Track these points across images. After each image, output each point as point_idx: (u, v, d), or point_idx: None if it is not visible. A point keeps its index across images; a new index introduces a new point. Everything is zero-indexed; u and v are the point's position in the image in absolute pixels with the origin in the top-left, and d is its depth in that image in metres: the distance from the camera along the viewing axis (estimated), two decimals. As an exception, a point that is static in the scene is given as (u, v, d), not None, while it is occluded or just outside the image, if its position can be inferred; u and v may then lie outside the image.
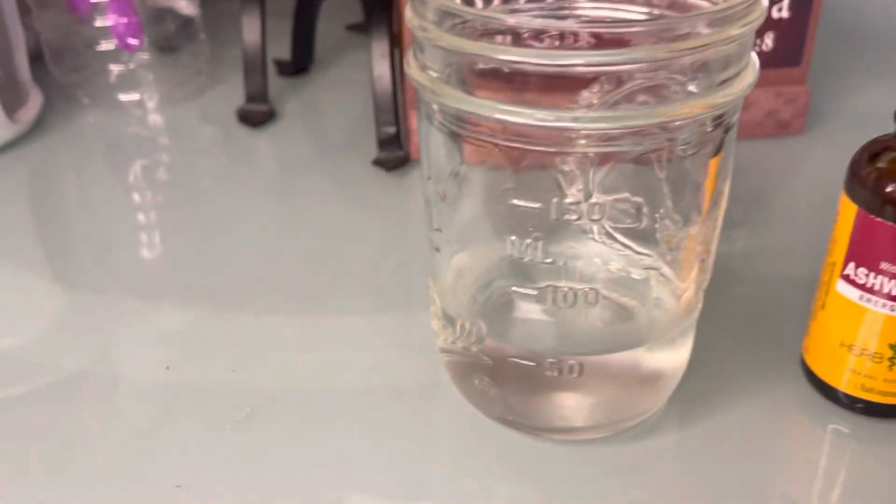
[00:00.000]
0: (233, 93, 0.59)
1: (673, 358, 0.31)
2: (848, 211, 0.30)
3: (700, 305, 0.31)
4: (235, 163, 0.54)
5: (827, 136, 0.53)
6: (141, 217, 0.50)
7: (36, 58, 0.58)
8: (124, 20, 0.54)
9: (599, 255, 0.29)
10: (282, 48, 0.62)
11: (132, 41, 0.55)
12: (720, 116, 0.27)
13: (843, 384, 0.33)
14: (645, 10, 0.32)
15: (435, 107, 0.28)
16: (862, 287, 0.30)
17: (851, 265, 0.31)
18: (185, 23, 0.59)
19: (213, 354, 0.37)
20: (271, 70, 0.61)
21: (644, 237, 0.28)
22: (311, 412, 0.34)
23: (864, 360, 0.32)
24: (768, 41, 0.50)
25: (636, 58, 0.24)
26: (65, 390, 0.36)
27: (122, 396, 0.35)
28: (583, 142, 0.25)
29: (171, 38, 0.59)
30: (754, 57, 0.27)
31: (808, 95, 0.52)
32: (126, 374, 0.36)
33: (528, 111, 0.25)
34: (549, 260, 0.27)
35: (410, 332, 0.38)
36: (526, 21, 0.24)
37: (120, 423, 0.34)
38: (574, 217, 0.26)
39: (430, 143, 0.29)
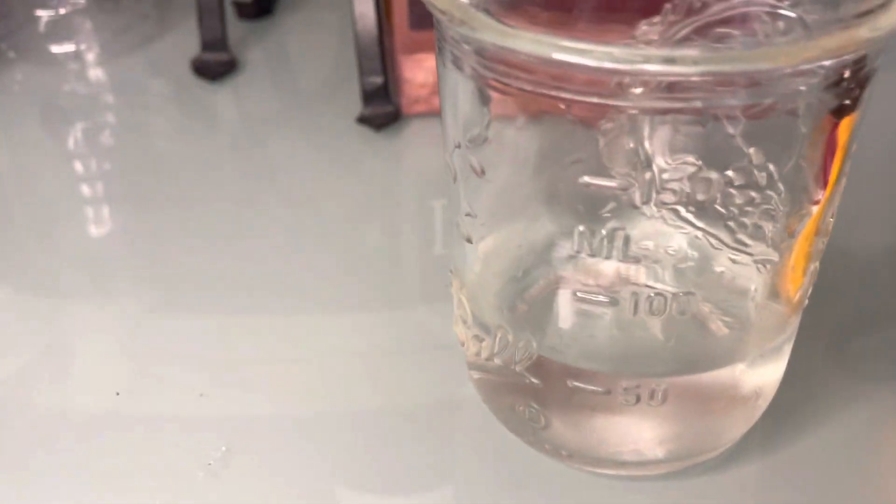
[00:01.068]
0: (186, 40, 0.50)
1: (775, 370, 0.24)
2: None
3: (807, 302, 0.24)
4: (192, 123, 0.46)
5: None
6: (85, 189, 0.42)
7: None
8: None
9: (695, 248, 0.22)
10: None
11: (61, -20, 0.46)
12: (860, 61, 0.19)
13: (969, 387, 0.26)
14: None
15: (467, 47, 0.20)
16: None
17: None
18: (126, -42, 0.50)
19: (175, 371, 0.30)
20: (230, 13, 0.52)
21: (751, 223, 0.21)
22: (304, 444, 0.27)
23: None
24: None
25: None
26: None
27: (57, 435, 0.28)
28: (670, 98, 0.18)
29: (109, -22, 0.50)
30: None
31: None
32: (61, 402, 0.29)
33: (600, 49, 0.17)
34: (631, 257, 0.20)
35: (412, 333, 0.31)
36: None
37: (48, 476, 0.26)
38: (670, 199, 0.19)
39: (459, 98, 0.21)
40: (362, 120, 0.43)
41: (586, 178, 0.19)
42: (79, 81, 0.49)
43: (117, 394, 0.29)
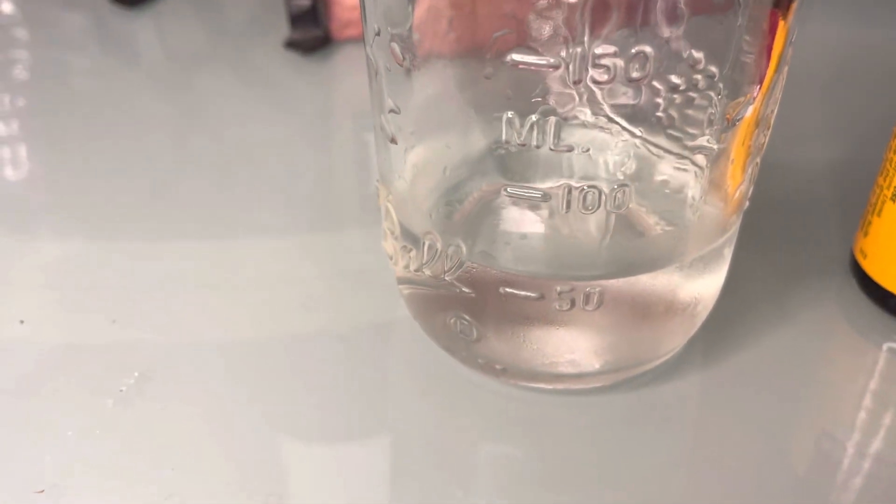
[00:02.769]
0: (102, -32, 0.47)
1: (715, 275, 0.23)
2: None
3: (748, 203, 0.23)
4: (111, 56, 0.43)
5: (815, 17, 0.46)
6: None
7: None
8: None
9: (630, 140, 0.21)
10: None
11: None
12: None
13: (910, 293, 0.26)
14: None
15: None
16: (958, 168, 0.23)
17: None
18: None
19: (86, 299, 0.28)
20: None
21: (693, 110, 0.20)
22: (223, 371, 0.25)
23: (946, 264, 0.25)
24: None
25: None
26: None
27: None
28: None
29: None
30: None
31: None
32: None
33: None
34: (563, 146, 0.19)
35: (349, 256, 0.30)
36: None
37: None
38: (603, 78, 0.18)
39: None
40: (290, 45, 0.40)
41: (513, 56, 0.18)
42: (-14, 10, 0.46)
43: (21, 322, 0.26)
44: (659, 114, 0.19)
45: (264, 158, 0.35)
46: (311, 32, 0.40)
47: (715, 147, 0.20)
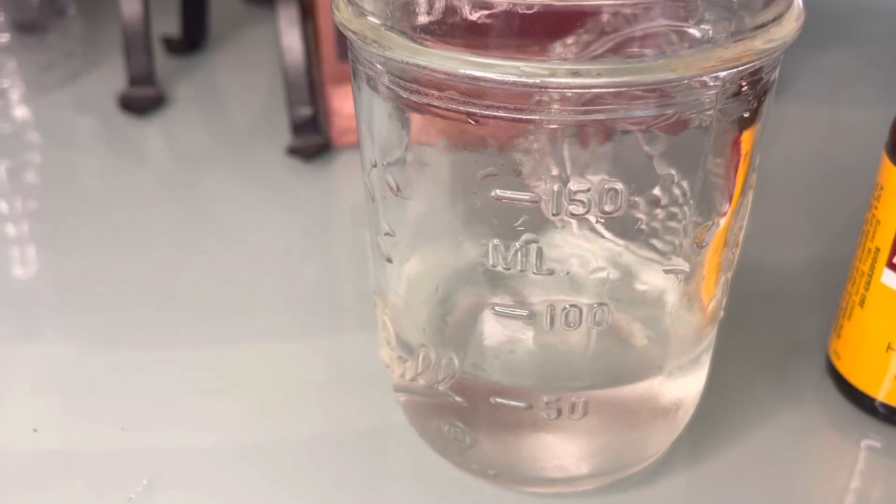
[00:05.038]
0: (113, 76, 0.50)
1: (695, 380, 0.24)
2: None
3: (723, 312, 0.24)
4: (120, 159, 0.45)
5: (802, 94, 0.48)
6: (10, 229, 0.41)
7: None
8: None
9: (608, 259, 0.22)
10: (169, 24, 0.54)
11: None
12: (756, 73, 0.20)
13: (883, 394, 0.27)
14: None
15: (380, 66, 0.20)
16: (918, 278, 0.25)
17: (903, 251, 0.25)
18: (50, -4, 0.50)
19: (96, 406, 0.29)
20: (158, 50, 0.52)
21: (663, 234, 0.21)
22: (228, 477, 0.26)
23: (915, 366, 0.26)
24: None
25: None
26: None
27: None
28: (579, 110, 0.18)
29: (34, 16, 0.49)
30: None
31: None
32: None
33: (508, 63, 0.18)
34: (545, 270, 0.20)
35: (348, 360, 0.31)
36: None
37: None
38: (578, 211, 0.19)
39: (374, 117, 0.21)
40: (292, 151, 0.43)
41: (497, 192, 0.19)
42: (3, 120, 0.48)
43: (35, 430, 0.28)
44: (635, 238, 0.21)
45: (266, 261, 0.37)
46: (313, 139, 0.43)
47: (686, 268, 0.21)
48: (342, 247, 0.39)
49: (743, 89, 0.20)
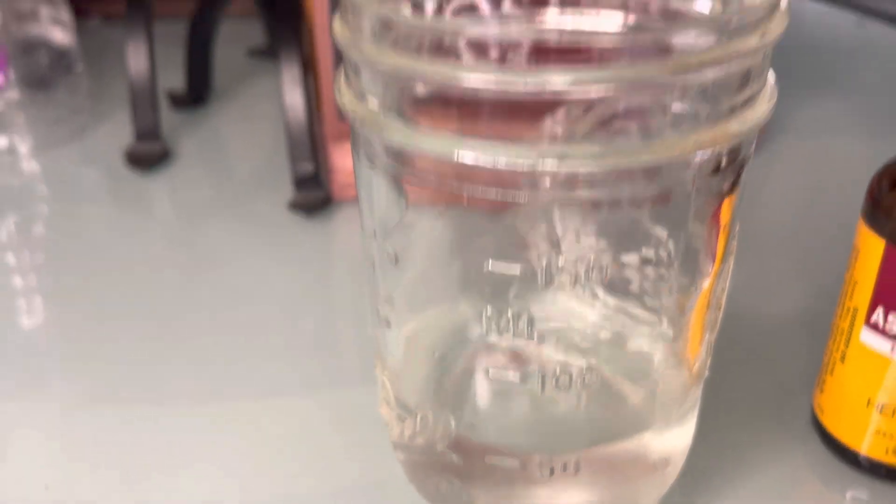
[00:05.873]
0: (119, 131, 0.51)
1: (682, 437, 0.25)
2: (872, 246, 0.26)
3: (708, 372, 0.25)
4: (126, 212, 0.47)
5: (789, 149, 0.50)
6: (17, 280, 0.42)
7: None
8: (-17, 52, 0.46)
9: (596, 324, 0.23)
10: (174, 79, 0.55)
11: (-6, 76, 0.47)
12: (734, 150, 0.22)
13: (866, 447, 0.28)
14: (625, 17, 0.26)
15: (378, 145, 0.21)
16: (894, 337, 0.26)
17: (880, 311, 0.26)
18: (60, 55, 0.51)
19: (105, 460, 0.30)
20: (164, 104, 0.54)
21: (649, 298, 0.23)
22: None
23: (894, 421, 0.27)
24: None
25: (639, 76, 0.18)
26: None
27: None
28: (579, 188, 0.20)
29: (43, 73, 0.51)
30: (771, 75, 0.22)
31: (762, 110, 0.48)
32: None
33: (500, 147, 0.19)
34: (536, 335, 0.21)
35: (348, 413, 0.32)
36: (496, 30, 0.18)
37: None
38: (567, 279, 0.21)
39: (374, 191, 0.23)
40: (294, 206, 0.44)
41: (491, 262, 0.21)
42: (12, 174, 0.49)
43: (46, 487, 0.29)
44: (624, 303, 0.22)
45: (268, 314, 0.38)
46: (315, 194, 0.44)
47: (672, 331, 0.22)
48: (343, 300, 0.40)
49: (721, 166, 0.21)
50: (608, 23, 0.26)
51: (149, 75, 0.48)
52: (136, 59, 0.48)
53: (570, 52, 0.21)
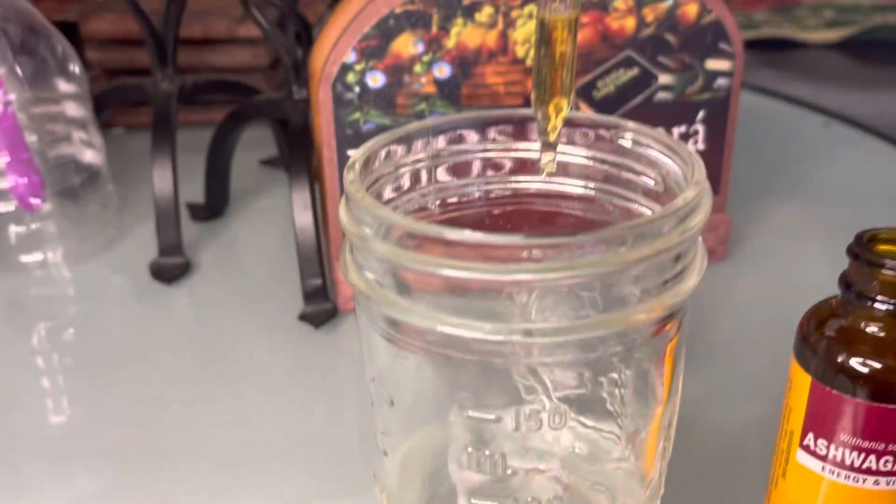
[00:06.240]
0: (145, 242, 0.56)
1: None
2: (801, 380, 0.30)
3: (663, 489, 0.29)
4: (149, 320, 0.51)
5: (752, 258, 0.54)
6: (45, 382, 0.46)
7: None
8: (24, 180, 0.51)
9: (561, 457, 0.28)
10: (195, 188, 0.60)
11: (34, 201, 0.52)
12: (674, 312, 0.26)
13: (810, 550, 0.32)
14: (580, 182, 0.31)
15: (376, 310, 0.26)
16: (823, 458, 0.30)
17: (810, 436, 0.30)
18: (92, 174, 0.56)
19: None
20: (184, 214, 0.59)
21: (608, 430, 0.27)
22: None
23: (831, 529, 0.31)
24: (688, 172, 0.50)
25: (585, 271, 0.23)
26: None
27: None
28: (534, 353, 0.24)
29: (76, 191, 0.56)
30: (700, 242, 0.27)
31: (729, 222, 0.53)
32: None
33: (476, 324, 0.23)
34: (510, 472, 0.25)
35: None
36: (472, 237, 0.23)
37: None
38: (535, 424, 0.25)
39: (372, 344, 0.27)
40: (304, 318, 0.48)
41: (469, 413, 0.25)
42: (44, 285, 0.54)
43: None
44: (586, 437, 0.26)
45: (277, 420, 0.42)
46: (322, 306, 0.48)
47: (629, 456, 0.27)
48: (350, 409, 0.44)
49: (665, 327, 0.26)
50: (571, 185, 0.31)
51: (172, 196, 0.53)
52: (162, 181, 0.53)
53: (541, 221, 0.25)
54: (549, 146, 0.29)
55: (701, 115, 0.49)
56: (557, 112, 0.27)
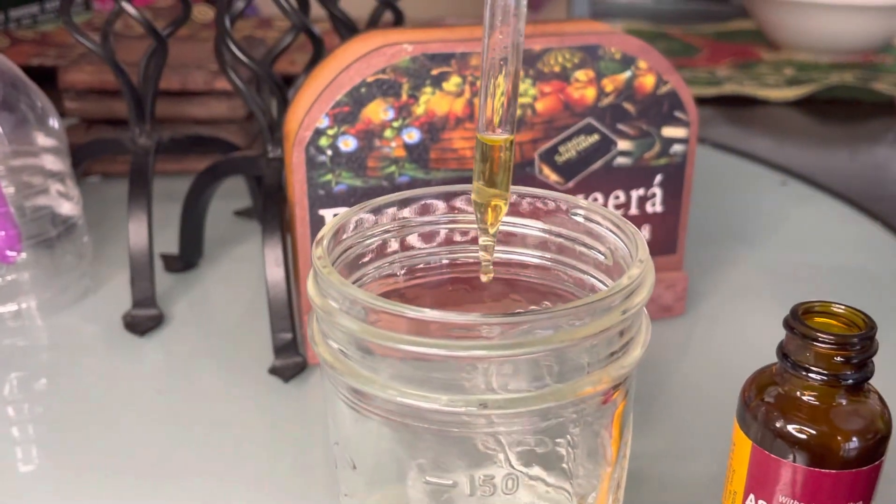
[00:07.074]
0: (119, 294, 0.57)
1: None
2: (742, 443, 0.32)
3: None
4: (120, 368, 0.52)
5: (708, 315, 0.56)
6: (15, 431, 0.47)
7: None
8: (2, 233, 0.52)
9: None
10: (170, 236, 0.61)
11: (10, 254, 0.53)
12: (621, 381, 0.28)
13: None
14: (537, 253, 0.33)
15: (339, 380, 0.27)
16: (763, 518, 0.31)
17: (751, 497, 0.32)
18: (68, 226, 0.57)
19: None
20: (158, 265, 0.60)
21: (560, 488, 0.28)
22: None
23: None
24: (645, 233, 0.52)
25: (538, 348, 0.25)
26: None
27: None
28: (492, 421, 0.26)
29: (52, 242, 0.57)
30: (645, 314, 0.29)
31: (686, 280, 0.55)
32: None
33: (433, 395, 0.25)
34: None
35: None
36: (432, 315, 0.25)
37: None
38: (489, 490, 0.26)
39: (336, 410, 0.28)
40: (274, 371, 0.49)
41: (428, 478, 0.26)
42: (18, 335, 0.55)
43: None
44: (539, 498, 0.28)
45: (244, 470, 0.43)
46: (292, 360, 0.50)
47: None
48: (319, 464, 0.45)
49: (613, 395, 0.27)
50: (529, 256, 0.33)
51: (147, 250, 0.54)
52: (137, 235, 0.54)
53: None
54: (487, 243, 0.31)
55: (658, 178, 0.51)
56: (496, 212, 0.30)
